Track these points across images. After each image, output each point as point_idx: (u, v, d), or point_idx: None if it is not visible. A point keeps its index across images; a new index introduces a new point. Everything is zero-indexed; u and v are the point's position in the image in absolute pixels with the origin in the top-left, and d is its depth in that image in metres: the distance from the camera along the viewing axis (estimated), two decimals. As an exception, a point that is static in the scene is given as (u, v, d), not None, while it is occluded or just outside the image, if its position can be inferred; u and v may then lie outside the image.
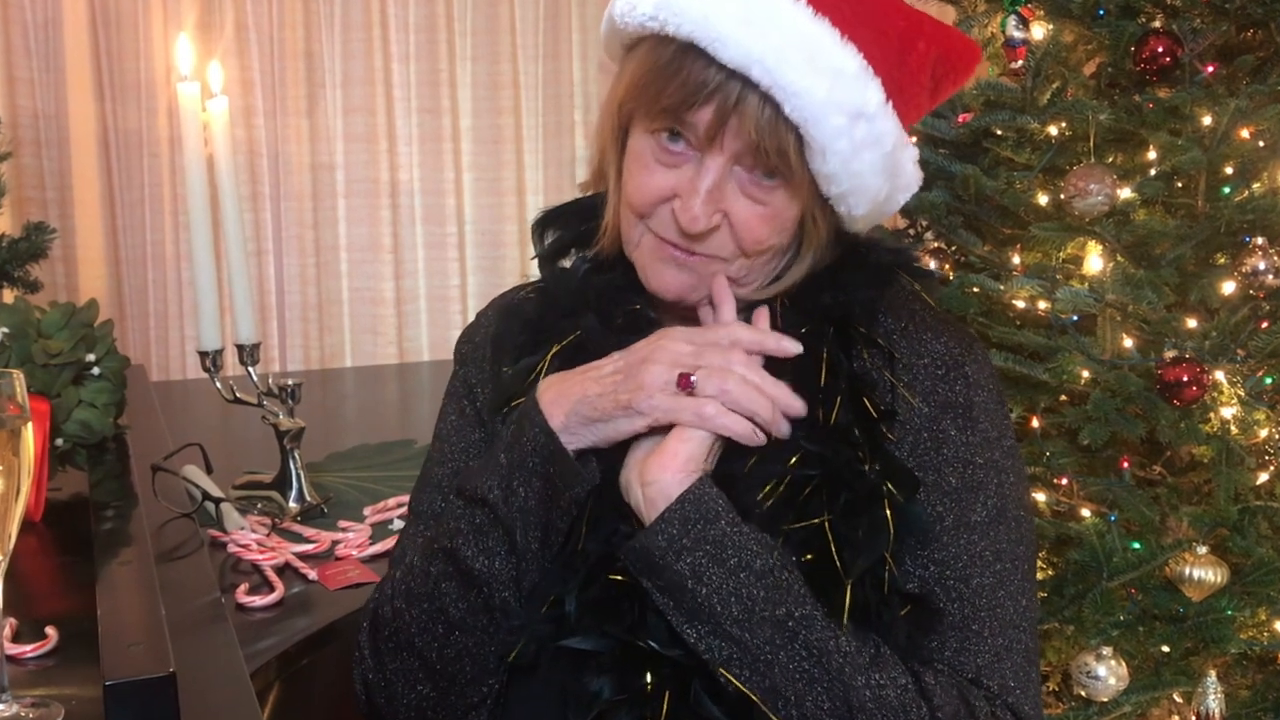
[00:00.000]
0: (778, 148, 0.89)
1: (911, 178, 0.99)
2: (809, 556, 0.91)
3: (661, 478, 0.90)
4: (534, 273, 1.11)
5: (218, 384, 1.67)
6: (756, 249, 0.95)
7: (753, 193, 0.93)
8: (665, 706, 0.90)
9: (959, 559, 0.95)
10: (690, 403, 0.91)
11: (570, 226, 1.08)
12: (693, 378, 0.92)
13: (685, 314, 1.00)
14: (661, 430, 0.92)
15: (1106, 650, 1.68)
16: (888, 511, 0.91)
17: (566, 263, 1.08)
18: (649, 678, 0.91)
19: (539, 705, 0.97)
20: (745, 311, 0.99)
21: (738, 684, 0.88)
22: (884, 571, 0.91)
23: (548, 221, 1.09)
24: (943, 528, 0.95)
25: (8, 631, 1.02)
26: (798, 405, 0.93)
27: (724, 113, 0.89)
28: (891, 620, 0.91)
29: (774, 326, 0.97)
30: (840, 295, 0.98)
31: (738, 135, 0.90)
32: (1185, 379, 1.64)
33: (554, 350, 1.00)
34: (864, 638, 0.90)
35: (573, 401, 0.93)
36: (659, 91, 0.91)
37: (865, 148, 0.91)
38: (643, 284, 0.99)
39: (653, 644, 0.91)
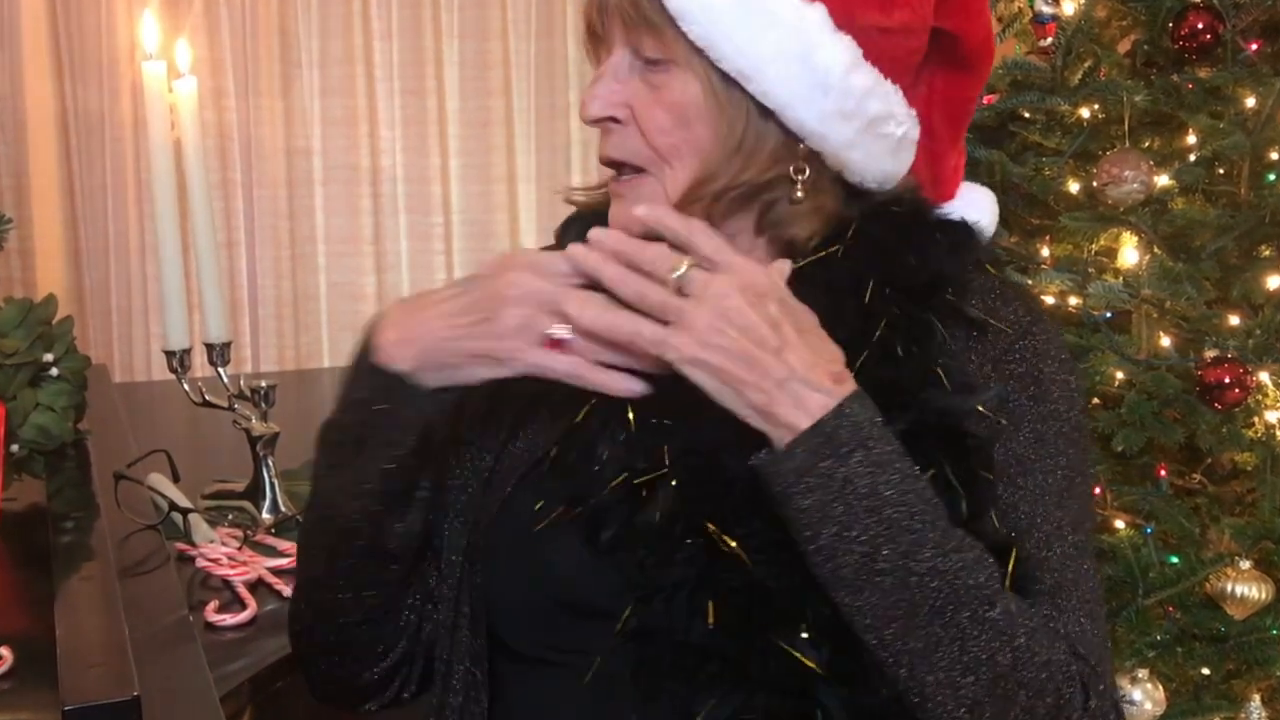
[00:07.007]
0: (635, 6, 0.91)
1: (866, 93, 0.92)
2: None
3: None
4: None
5: (185, 386, 1.67)
6: (664, 141, 0.93)
7: (648, 78, 0.94)
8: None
9: (1041, 529, 0.96)
10: (567, 361, 0.87)
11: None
12: (563, 335, 0.86)
13: None
14: None
15: (1143, 673, 1.68)
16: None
17: None
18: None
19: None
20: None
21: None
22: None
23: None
24: (1019, 497, 0.95)
25: (-41, 652, 1.02)
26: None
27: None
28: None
29: (834, 290, 0.92)
30: (923, 260, 0.95)
31: (615, 13, 0.93)
32: (1227, 380, 1.64)
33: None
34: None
35: (421, 347, 0.90)
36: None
37: (764, 28, 0.89)
38: None
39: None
